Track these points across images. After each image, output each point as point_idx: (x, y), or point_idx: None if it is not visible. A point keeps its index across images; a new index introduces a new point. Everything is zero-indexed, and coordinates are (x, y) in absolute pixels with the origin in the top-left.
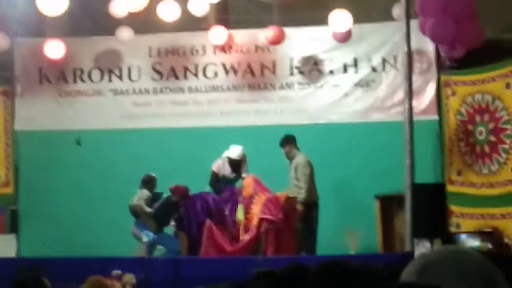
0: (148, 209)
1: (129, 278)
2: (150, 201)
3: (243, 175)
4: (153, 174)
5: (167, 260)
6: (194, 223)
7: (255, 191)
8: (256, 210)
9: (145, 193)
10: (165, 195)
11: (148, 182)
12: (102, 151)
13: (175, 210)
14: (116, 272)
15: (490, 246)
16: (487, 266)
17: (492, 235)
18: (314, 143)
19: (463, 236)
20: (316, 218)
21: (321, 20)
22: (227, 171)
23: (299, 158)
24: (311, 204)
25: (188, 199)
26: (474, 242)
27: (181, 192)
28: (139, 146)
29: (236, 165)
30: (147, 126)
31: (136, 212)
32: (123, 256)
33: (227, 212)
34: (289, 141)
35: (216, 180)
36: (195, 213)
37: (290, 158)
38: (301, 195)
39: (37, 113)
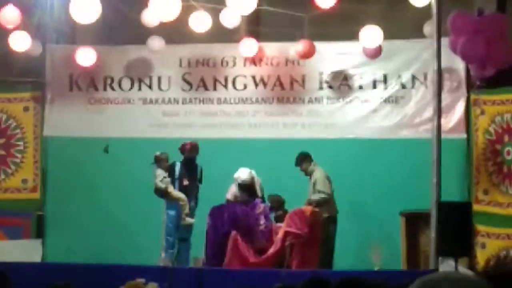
0: (162, 186)
1: (153, 287)
2: (168, 176)
3: (258, 194)
4: (162, 153)
5: (191, 270)
6: (220, 233)
7: None
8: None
9: (159, 172)
10: (176, 162)
11: (159, 161)
12: (130, 159)
13: (195, 166)
14: (140, 280)
15: None
16: (483, 285)
17: None
18: (341, 157)
19: None
20: (334, 233)
21: (352, 36)
22: (240, 195)
23: (318, 174)
24: (330, 219)
25: (215, 209)
26: None
27: (190, 147)
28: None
29: (247, 187)
30: (176, 135)
31: (161, 191)
32: (148, 264)
33: (262, 222)
34: (303, 159)
35: None
36: (222, 223)
37: (309, 174)
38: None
39: (66, 119)
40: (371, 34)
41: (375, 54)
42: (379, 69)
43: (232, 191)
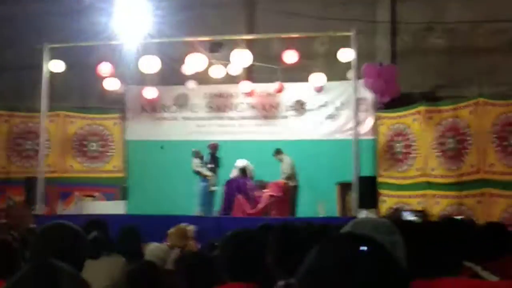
0: (197, 168)
1: (191, 227)
2: (201, 162)
3: (249, 176)
4: (197, 149)
5: (214, 218)
6: (231, 196)
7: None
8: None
9: (196, 160)
10: (206, 154)
11: (195, 153)
12: (177, 152)
13: (216, 157)
14: (184, 224)
15: (420, 219)
16: (391, 225)
17: (422, 212)
18: (301, 150)
19: (405, 213)
20: (297, 196)
21: (306, 79)
22: (238, 176)
23: (285, 160)
24: (295, 188)
25: (228, 182)
26: (411, 217)
27: (214, 146)
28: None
29: (243, 171)
30: (204, 139)
31: (196, 172)
32: (189, 214)
33: (251, 195)
34: (277, 152)
35: None
36: (232, 190)
37: (280, 160)
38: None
39: (139, 130)
40: (318, 78)
41: (320, 89)
42: (322, 99)
43: (234, 173)
